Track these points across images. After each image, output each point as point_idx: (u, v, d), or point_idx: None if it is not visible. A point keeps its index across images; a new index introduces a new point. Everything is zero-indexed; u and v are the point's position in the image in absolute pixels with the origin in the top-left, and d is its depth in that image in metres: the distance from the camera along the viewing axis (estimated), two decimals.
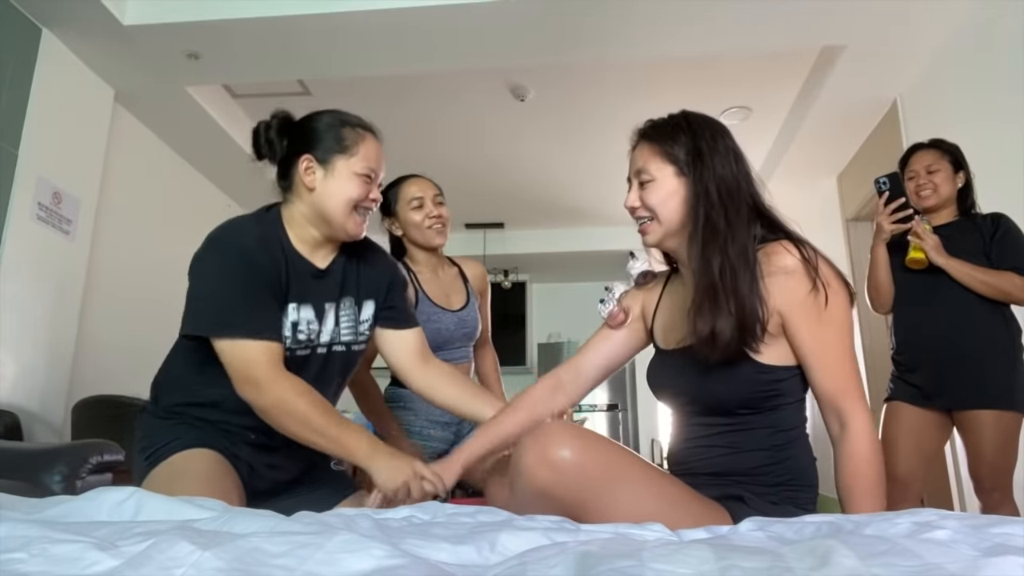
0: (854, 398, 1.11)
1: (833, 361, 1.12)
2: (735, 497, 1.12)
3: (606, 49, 3.21)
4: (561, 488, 1.03)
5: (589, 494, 1.04)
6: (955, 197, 2.15)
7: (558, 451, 1.04)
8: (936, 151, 2.17)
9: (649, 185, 1.22)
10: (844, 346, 1.13)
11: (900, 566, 0.54)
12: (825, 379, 1.12)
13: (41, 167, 2.97)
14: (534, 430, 1.10)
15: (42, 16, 2.93)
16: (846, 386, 1.11)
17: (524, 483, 1.05)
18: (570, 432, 1.07)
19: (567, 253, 6.34)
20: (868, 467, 1.08)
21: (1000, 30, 2.66)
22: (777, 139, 4.39)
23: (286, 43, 3.14)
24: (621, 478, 1.07)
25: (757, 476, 1.14)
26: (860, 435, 1.09)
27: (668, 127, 1.25)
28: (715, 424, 1.18)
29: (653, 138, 1.24)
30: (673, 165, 1.20)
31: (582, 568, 0.55)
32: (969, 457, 2.06)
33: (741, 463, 1.15)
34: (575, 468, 1.03)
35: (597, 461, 1.06)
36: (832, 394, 1.11)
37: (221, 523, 0.75)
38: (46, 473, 1.91)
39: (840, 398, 1.11)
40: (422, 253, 2.01)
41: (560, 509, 1.01)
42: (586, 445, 1.06)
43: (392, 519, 0.87)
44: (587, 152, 4.70)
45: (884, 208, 2.12)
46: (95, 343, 3.38)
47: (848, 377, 1.12)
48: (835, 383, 1.11)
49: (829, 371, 1.12)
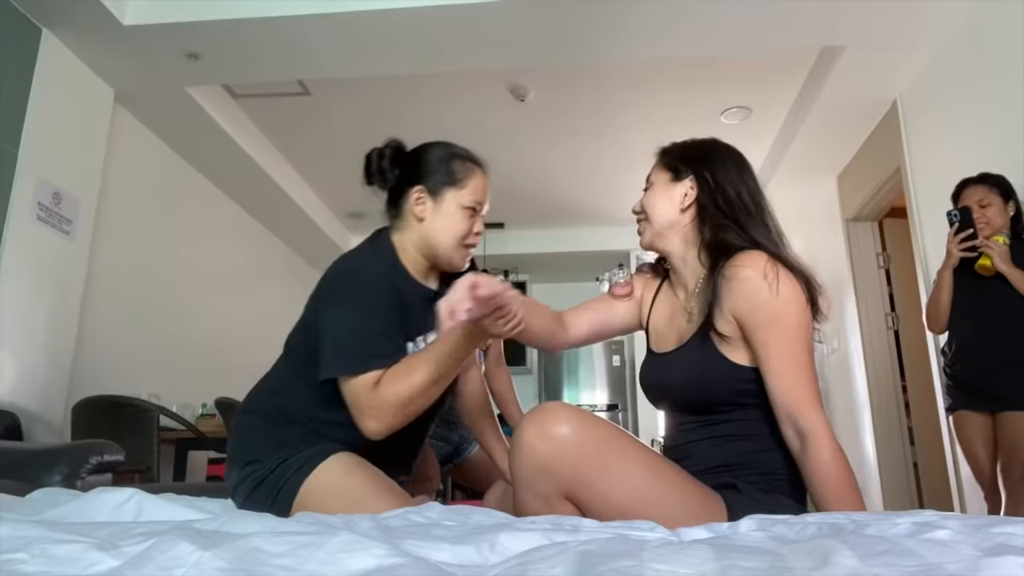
0: (808, 406, 1.12)
1: (783, 369, 1.13)
2: (727, 485, 1.16)
3: (606, 49, 3.21)
4: (559, 461, 1.06)
5: (587, 468, 1.07)
6: (1008, 225, 2.33)
7: (557, 427, 1.07)
8: (985, 186, 2.36)
9: (648, 190, 1.34)
10: (795, 354, 1.14)
11: (900, 566, 0.54)
12: (777, 387, 1.14)
13: (41, 167, 2.97)
14: (534, 409, 1.13)
15: (42, 16, 2.93)
16: (799, 396, 1.12)
17: (524, 458, 1.08)
18: (569, 410, 1.10)
19: (567, 253, 6.34)
20: (835, 472, 1.09)
21: (1000, 30, 2.66)
22: (777, 139, 4.39)
23: (286, 43, 3.13)
24: (619, 455, 1.10)
25: (746, 466, 1.18)
26: (820, 444, 1.10)
27: (683, 143, 1.35)
28: (704, 421, 1.23)
29: (666, 152, 1.36)
30: (670, 172, 1.31)
31: (582, 568, 0.55)
32: (1004, 454, 2.23)
33: (730, 454, 1.19)
34: (573, 443, 1.06)
35: (595, 438, 1.09)
36: (786, 404, 1.13)
37: (221, 523, 0.75)
38: (46, 473, 1.90)
39: (794, 407, 1.12)
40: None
41: (558, 485, 1.06)
42: (584, 422, 1.09)
43: (392, 520, 0.87)
44: (587, 152, 4.70)
45: (955, 237, 2.31)
46: (95, 343, 3.38)
47: (802, 387, 1.13)
48: (788, 393, 1.12)
49: (780, 380, 1.13)
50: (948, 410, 2.45)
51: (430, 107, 4.02)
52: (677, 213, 1.28)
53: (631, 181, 5.16)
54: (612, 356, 6.52)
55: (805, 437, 1.11)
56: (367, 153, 1.45)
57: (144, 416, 2.84)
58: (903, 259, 3.94)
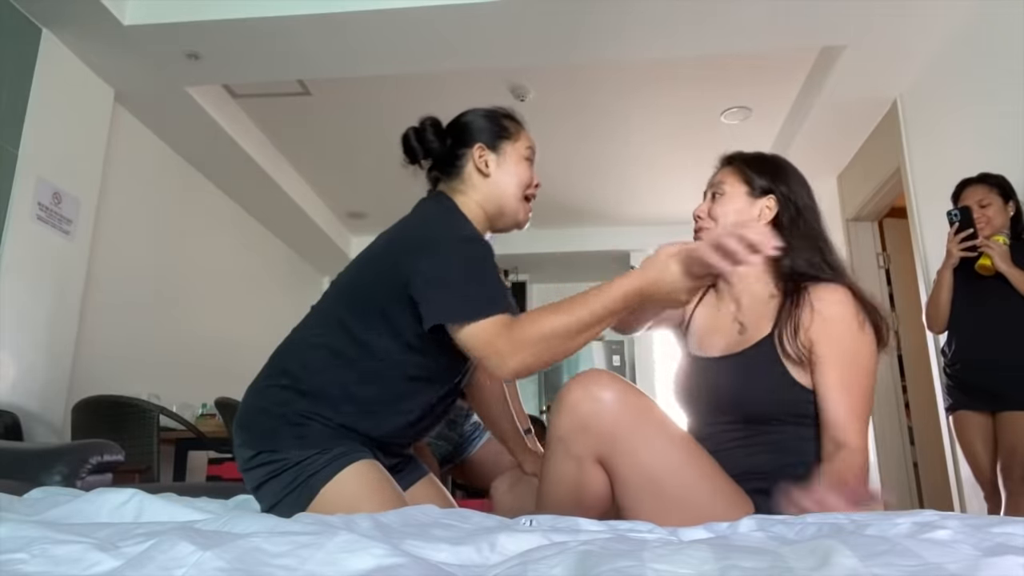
0: (858, 434, 1.15)
1: (846, 399, 1.16)
2: (759, 491, 1.16)
3: (606, 49, 3.21)
4: (598, 419, 1.09)
5: (625, 433, 1.10)
6: (1008, 224, 2.34)
7: (602, 390, 1.11)
8: (985, 186, 2.36)
9: (720, 198, 1.33)
10: (862, 387, 1.17)
11: (900, 566, 0.54)
12: (833, 411, 1.16)
13: (41, 167, 2.97)
14: (581, 372, 1.16)
15: (42, 16, 2.93)
16: (853, 424, 1.15)
17: (565, 415, 1.11)
18: (615, 377, 1.14)
19: (567, 253, 6.34)
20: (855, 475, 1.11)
21: (1000, 30, 2.66)
22: (777, 139, 4.39)
23: (286, 43, 3.13)
24: (658, 428, 1.13)
25: (781, 477, 1.17)
26: (856, 454, 1.12)
27: (755, 156, 1.38)
28: (746, 429, 1.23)
29: (738, 162, 1.36)
30: (747, 185, 1.32)
31: (582, 568, 0.55)
32: (1004, 454, 2.23)
33: (766, 464, 1.20)
34: (616, 407, 1.10)
35: (638, 406, 1.12)
36: (838, 425, 1.15)
37: (222, 523, 0.75)
38: (46, 473, 1.90)
39: (843, 430, 1.14)
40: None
41: (594, 446, 1.10)
42: (629, 390, 1.13)
43: (392, 520, 0.86)
44: (587, 152, 4.70)
45: (955, 237, 2.31)
46: (95, 343, 3.38)
47: (858, 416, 1.16)
48: (844, 417, 1.15)
49: (839, 407, 1.16)
50: (948, 410, 2.46)
51: (430, 107, 3.97)
52: None
53: (631, 181, 5.18)
54: (612, 356, 6.52)
55: (843, 447, 1.13)
56: (403, 133, 1.48)
57: (144, 416, 2.84)
58: (903, 259, 3.94)
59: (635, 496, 1.11)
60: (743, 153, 1.38)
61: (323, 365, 1.28)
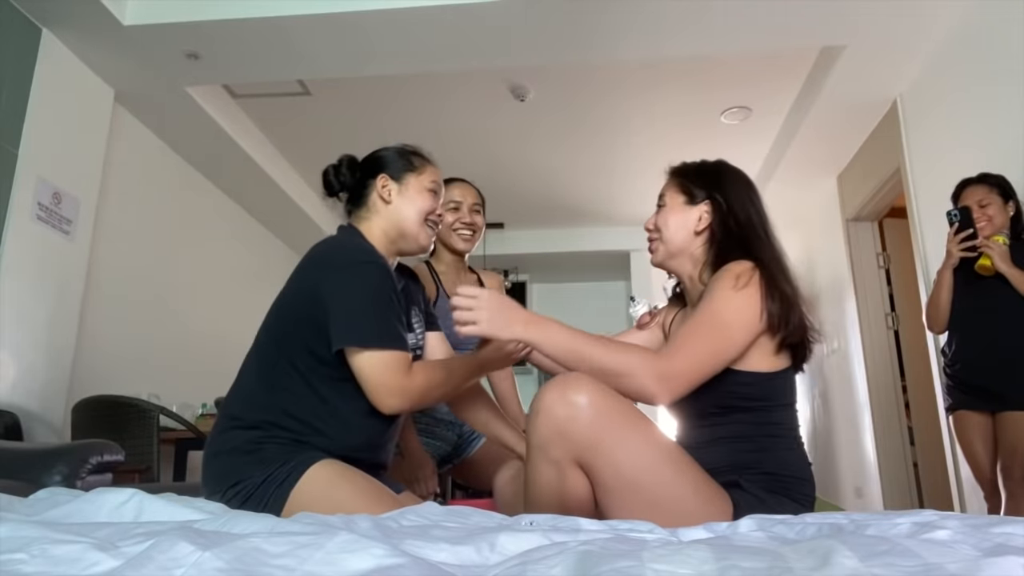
0: (679, 361, 1.17)
1: (693, 340, 1.19)
2: (732, 484, 1.19)
3: (606, 49, 3.21)
4: (575, 424, 1.10)
5: (603, 435, 1.11)
6: (1008, 224, 2.34)
7: (577, 394, 1.12)
8: (985, 186, 2.37)
9: (662, 210, 1.40)
10: (710, 336, 1.19)
11: (901, 566, 0.54)
12: (672, 342, 1.22)
13: (41, 167, 2.97)
14: (558, 376, 1.18)
15: (42, 16, 2.93)
16: (681, 353, 1.18)
17: (541, 420, 1.12)
18: (591, 381, 1.15)
19: (567, 253, 6.34)
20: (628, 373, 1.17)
21: (1000, 30, 2.66)
22: (777, 139, 4.39)
23: (286, 43, 3.13)
24: (634, 430, 1.14)
25: (748, 467, 1.22)
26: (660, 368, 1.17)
27: (696, 165, 1.43)
28: (705, 424, 1.27)
29: (677, 173, 1.43)
30: (685, 195, 1.38)
31: (582, 568, 0.55)
32: (1005, 454, 2.23)
33: (732, 455, 1.23)
34: (591, 410, 1.11)
35: (614, 409, 1.13)
36: (669, 347, 1.21)
37: (221, 523, 0.75)
38: (46, 473, 1.90)
39: (669, 353, 1.19)
40: (448, 255, 2.07)
41: (572, 450, 1.11)
42: (605, 394, 1.14)
43: (391, 520, 0.87)
44: (587, 152, 4.70)
45: (955, 237, 2.32)
46: (95, 343, 3.38)
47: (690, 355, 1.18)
48: (679, 343, 1.19)
49: (679, 338, 1.20)
50: (948, 410, 2.46)
51: (430, 107, 4.02)
52: (691, 236, 1.35)
53: (631, 181, 5.17)
54: None
55: (660, 359, 1.18)
56: (323, 170, 1.59)
57: (144, 416, 2.84)
58: (903, 259, 3.94)
59: (615, 497, 1.13)
60: (686, 164, 1.44)
61: (263, 399, 1.36)
